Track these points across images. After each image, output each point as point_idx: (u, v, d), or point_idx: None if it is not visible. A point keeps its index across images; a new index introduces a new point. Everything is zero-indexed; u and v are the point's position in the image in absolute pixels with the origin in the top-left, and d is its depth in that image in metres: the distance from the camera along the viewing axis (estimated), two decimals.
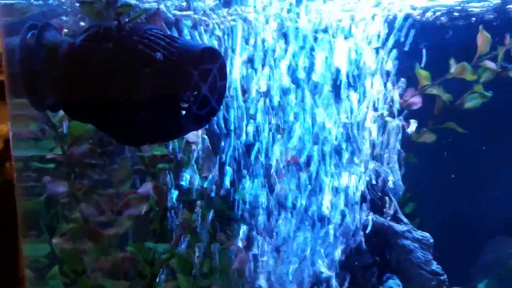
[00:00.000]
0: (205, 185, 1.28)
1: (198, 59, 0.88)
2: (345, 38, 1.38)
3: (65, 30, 1.11)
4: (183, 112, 0.90)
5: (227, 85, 0.96)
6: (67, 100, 0.98)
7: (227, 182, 1.27)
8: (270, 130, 1.28)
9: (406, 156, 1.65)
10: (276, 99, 1.24)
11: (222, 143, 1.25)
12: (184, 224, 1.37)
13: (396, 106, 1.62)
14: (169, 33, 0.90)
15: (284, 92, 1.24)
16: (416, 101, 1.75)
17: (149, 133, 0.93)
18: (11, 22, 1.02)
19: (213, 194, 1.28)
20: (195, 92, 0.90)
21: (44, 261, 1.33)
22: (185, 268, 1.35)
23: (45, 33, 0.99)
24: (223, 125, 1.22)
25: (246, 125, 1.22)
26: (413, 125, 1.50)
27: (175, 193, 1.28)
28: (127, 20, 0.94)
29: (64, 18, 1.18)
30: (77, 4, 1.05)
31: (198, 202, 1.28)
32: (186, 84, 0.87)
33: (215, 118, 1.14)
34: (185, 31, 1.09)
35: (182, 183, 1.27)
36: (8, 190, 3.78)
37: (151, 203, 1.32)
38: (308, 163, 1.35)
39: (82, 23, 1.18)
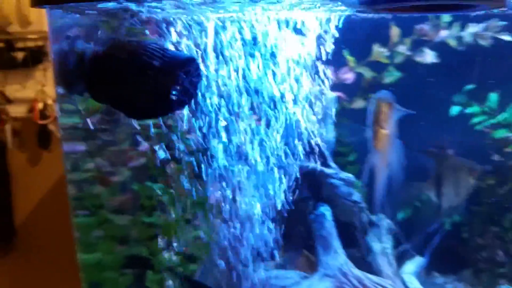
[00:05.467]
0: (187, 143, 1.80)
1: (183, 64, 1.37)
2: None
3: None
4: (173, 98, 1.40)
5: (201, 79, 1.46)
6: (92, 89, 1.47)
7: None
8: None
9: (339, 119, 2.19)
10: None
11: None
12: (173, 171, 1.90)
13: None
14: (163, 46, 1.39)
15: None
16: (349, 76, 2.28)
17: (150, 112, 1.43)
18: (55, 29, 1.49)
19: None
20: (180, 84, 1.40)
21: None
22: (173, 203, 1.89)
23: (75, 42, 1.46)
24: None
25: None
26: None
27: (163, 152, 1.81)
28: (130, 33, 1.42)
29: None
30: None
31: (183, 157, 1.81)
32: (175, 80, 1.37)
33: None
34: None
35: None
36: (0, 151, 4.09)
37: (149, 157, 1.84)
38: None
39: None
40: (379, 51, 2.10)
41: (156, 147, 1.80)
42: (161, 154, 1.81)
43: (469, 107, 2.15)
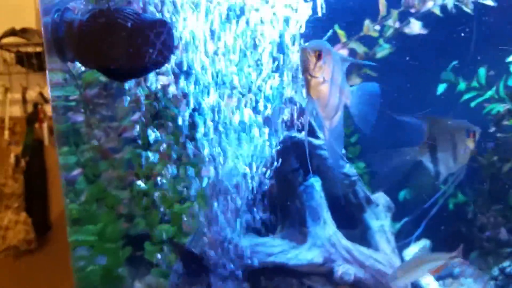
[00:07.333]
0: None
1: (152, 24, 1.49)
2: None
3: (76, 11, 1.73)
4: (147, 58, 1.51)
5: (173, 41, 1.57)
6: (80, 54, 1.61)
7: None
8: None
9: None
10: None
11: None
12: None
13: None
14: (136, 11, 1.51)
15: None
16: (343, 53, 2.33)
17: (128, 71, 1.55)
18: (45, 7, 1.66)
19: None
20: (152, 44, 1.51)
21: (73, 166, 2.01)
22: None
23: (65, 13, 1.61)
24: None
25: None
26: None
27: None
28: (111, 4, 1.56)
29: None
30: None
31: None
32: (146, 40, 1.48)
33: None
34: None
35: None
36: (38, 147, 4.28)
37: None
38: None
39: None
40: (366, 25, 2.14)
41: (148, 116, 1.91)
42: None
43: (457, 84, 2.13)
